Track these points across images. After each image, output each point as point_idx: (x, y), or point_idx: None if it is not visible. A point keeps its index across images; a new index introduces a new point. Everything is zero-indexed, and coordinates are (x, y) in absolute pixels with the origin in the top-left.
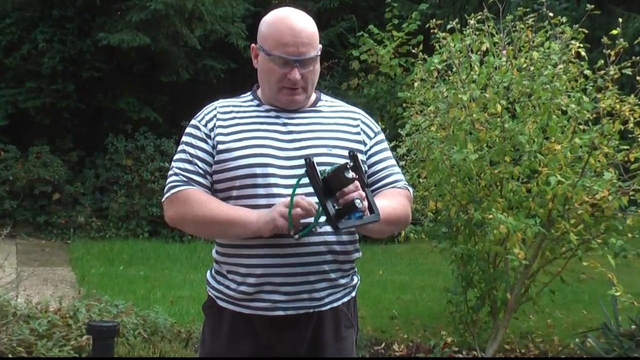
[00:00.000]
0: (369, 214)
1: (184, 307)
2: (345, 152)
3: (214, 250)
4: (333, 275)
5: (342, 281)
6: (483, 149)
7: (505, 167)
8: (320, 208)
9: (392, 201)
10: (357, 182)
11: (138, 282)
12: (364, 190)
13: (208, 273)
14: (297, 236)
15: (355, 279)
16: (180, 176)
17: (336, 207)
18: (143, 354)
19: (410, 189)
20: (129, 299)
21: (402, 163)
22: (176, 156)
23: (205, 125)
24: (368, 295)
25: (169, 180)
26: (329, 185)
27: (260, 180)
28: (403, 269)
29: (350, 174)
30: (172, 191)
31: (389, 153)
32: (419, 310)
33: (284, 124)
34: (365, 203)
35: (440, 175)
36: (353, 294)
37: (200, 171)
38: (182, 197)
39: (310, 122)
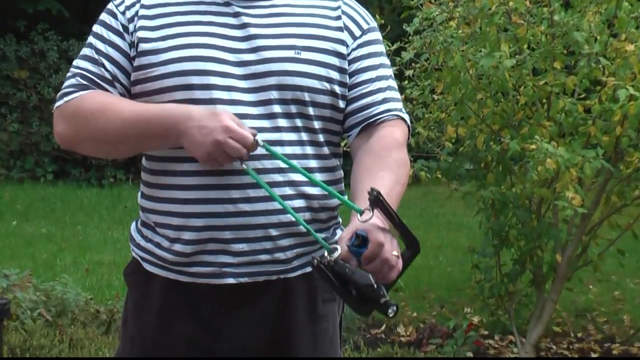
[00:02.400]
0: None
1: (104, 278)
2: (319, 57)
3: (139, 193)
4: (304, 228)
5: (319, 236)
6: (523, 51)
7: (555, 77)
8: None
9: (393, 167)
10: (390, 266)
11: (38, 242)
12: (397, 227)
13: (133, 225)
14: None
15: (339, 234)
16: (78, 78)
17: (359, 296)
18: (45, 343)
19: (405, 116)
20: (26, 267)
21: (409, 73)
22: (81, 52)
23: (124, 13)
24: None
25: (64, 85)
26: (346, 280)
27: (198, 94)
28: (411, 221)
29: (381, 292)
30: (64, 99)
31: (380, 60)
32: (434, 278)
33: (236, 15)
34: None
35: (463, 89)
36: (335, 254)
37: (107, 76)
38: (73, 106)
39: (274, 13)
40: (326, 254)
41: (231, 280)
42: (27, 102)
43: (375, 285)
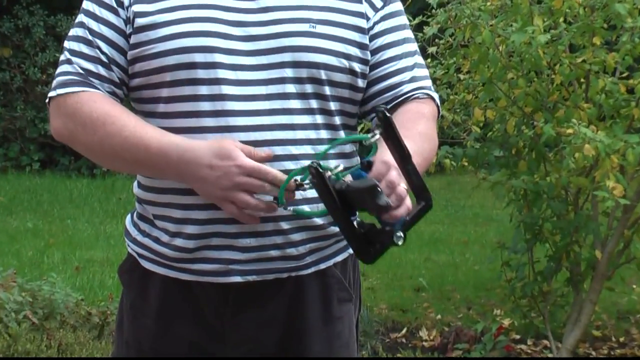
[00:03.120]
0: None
1: (96, 277)
2: (337, 31)
3: (135, 183)
4: (319, 221)
5: (333, 229)
6: (559, 25)
7: (594, 53)
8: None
9: (416, 139)
10: (398, 199)
11: (24, 238)
12: (404, 170)
13: (128, 218)
14: (287, 207)
15: None
16: (75, 66)
17: (363, 229)
18: (31, 349)
19: (435, 95)
20: (9, 265)
21: (432, 50)
22: (71, 31)
23: None
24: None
25: (58, 70)
26: (346, 198)
27: (202, 74)
28: (435, 215)
29: (384, 200)
30: (59, 91)
31: (405, 33)
32: (460, 277)
33: None
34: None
35: (492, 68)
36: (351, 249)
37: (104, 59)
38: (71, 105)
39: None
40: (324, 171)
41: (237, 279)
42: (10, 83)
43: (380, 190)
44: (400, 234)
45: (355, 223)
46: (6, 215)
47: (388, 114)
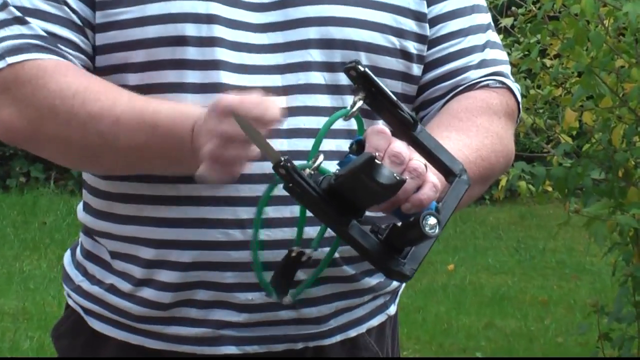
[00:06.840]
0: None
1: (6, 336)
2: (386, 19)
3: (80, 206)
4: (348, 270)
5: (369, 282)
6: None
7: None
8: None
9: (471, 132)
10: (415, 177)
11: None
12: (412, 139)
13: (67, 256)
14: (286, 298)
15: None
16: (33, 26)
17: (382, 235)
18: None
19: (514, 86)
20: None
21: (506, 22)
22: None
23: None
24: (423, 316)
25: None
26: (341, 197)
27: (194, 53)
28: (501, 261)
29: (388, 175)
30: (11, 59)
31: (474, 0)
32: (536, 352)
33: None
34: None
35: (593, 51)
36: (391, 309)
37: (75, 19)
38: (30, 81)
39: None
40: (303, 169)
41: (232, 349)
42: None
43: (378, 162)
44: (431, 217)
45: (367, 230)
46: None
47: (362, 68)
